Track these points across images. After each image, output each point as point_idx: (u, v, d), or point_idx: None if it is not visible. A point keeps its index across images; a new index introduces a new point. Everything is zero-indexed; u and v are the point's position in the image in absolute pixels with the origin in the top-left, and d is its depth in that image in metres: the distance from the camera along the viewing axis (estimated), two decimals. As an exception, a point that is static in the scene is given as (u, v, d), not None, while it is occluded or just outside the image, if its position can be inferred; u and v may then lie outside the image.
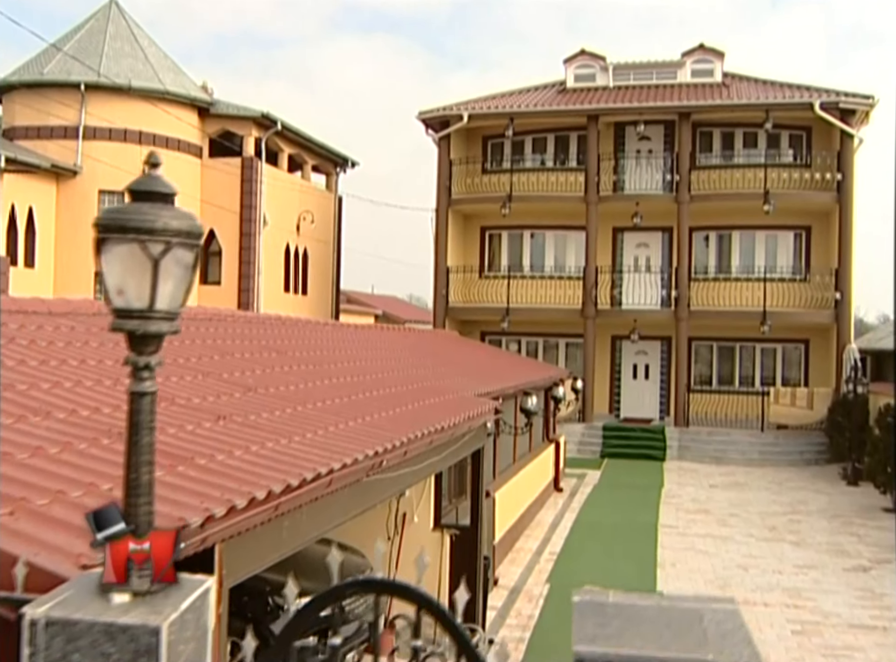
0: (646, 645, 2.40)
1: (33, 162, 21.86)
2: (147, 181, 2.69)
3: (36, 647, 2.56)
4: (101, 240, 2.63)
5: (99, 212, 2.68)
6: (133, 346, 2.69)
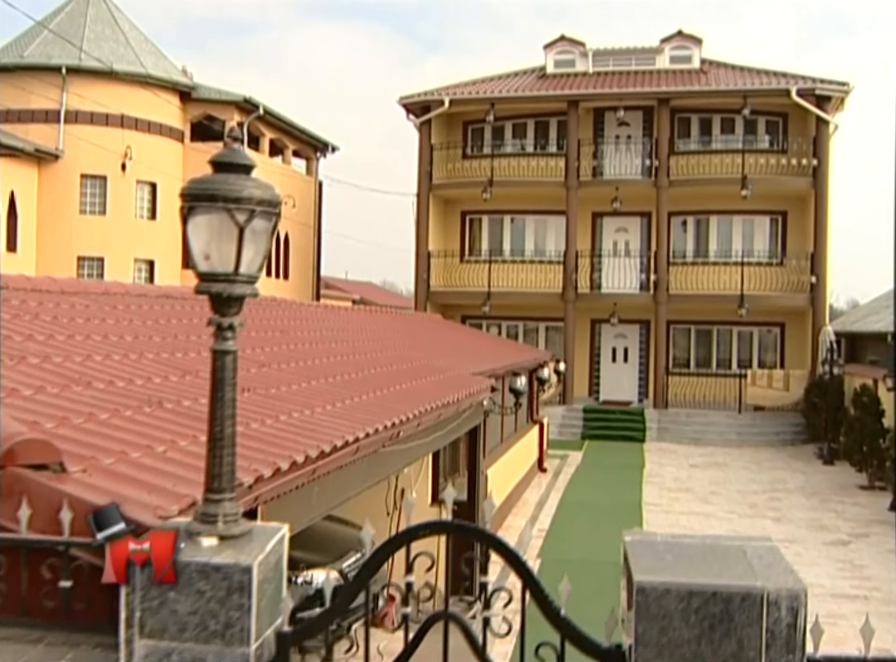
0: (699, 575, 2.64)
1: (18, 146, 21.74)
2: (230, 154, 2.88)
3: (133, 586, 2.76)
4: (189, 208, 2.82)
5: (186, 183, 2.87)
6: (217, 308, 2.89)
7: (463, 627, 2.86)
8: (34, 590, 3.00)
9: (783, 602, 2.57)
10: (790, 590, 2.58)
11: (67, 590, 2.97)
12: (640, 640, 2.61)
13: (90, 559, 2.97)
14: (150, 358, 6.13)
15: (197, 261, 2.85)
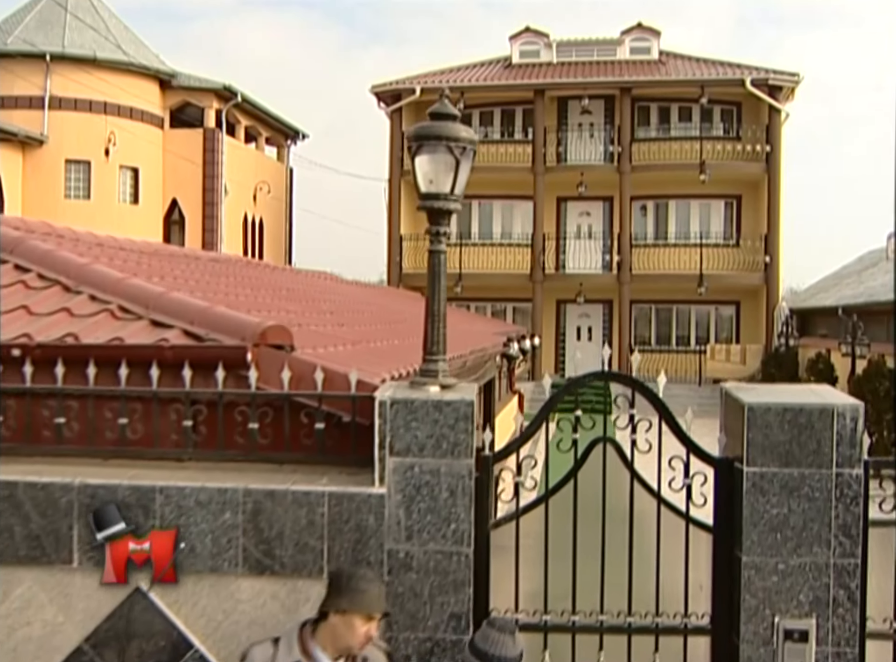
0: (788, 399, 3.81)
1: (13, 130, 22.29)
2: (443, 106, 3.97)
3: (384, 418, 3.84)
4: (417, 146, 3.90)
5: (411, 128, 3.94)
6: (434, 220, 3.98)
7: (616, 447, 3.99)
8: (295, 432, 4.06)
9: (847, 414, 3.74)
10: (852, 406, 3.76)
11: (321, 431, 4.03)
12: (751, 443, 3.77)
13: (336, 409, 4.03)
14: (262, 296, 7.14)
15: (422, 183, 3.93)
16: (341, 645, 3.38)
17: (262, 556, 3.88)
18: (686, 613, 3.97)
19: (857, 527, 3.75)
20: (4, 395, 4.16)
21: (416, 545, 3.82)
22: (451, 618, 3.82)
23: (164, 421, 4.13)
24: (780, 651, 3.76)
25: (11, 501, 3.95)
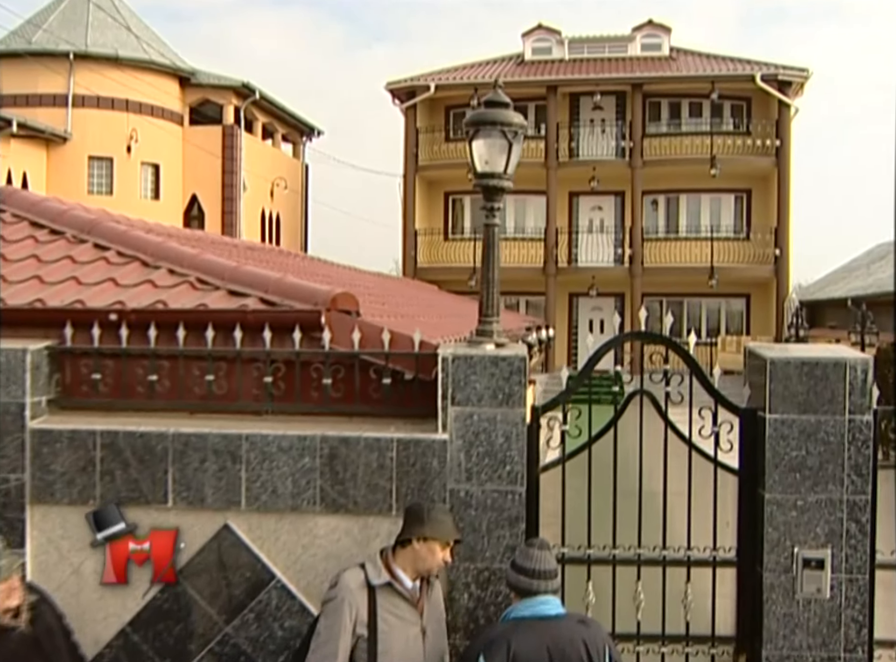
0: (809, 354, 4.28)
1: (40, 127, 22.82)
2: (496, 95, 4.45)
3: (447, 372, 4.32)
4: (474, 130, 4.38)
5: (469, 115, 4.42)
6: (488, 197, 4.46)
7: (652, 398, 4.47)
8: (364, 387, 4.55)
9: (859, 367, 4.21)
10: (863, 359, 4.23)
11: (388, 386, 4.51)
12: (772, 393, 4.24)
13: (401, 366, 4.51)
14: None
15: (478, 164, 4.41)
16: (421, 568, 3.86)
17: (337, 496, 4.36)
18: (714, 547, 4.45)
19: (868, 468, 4.22)
20: (102, 356, 4.65)
21: (474, 485, 4.31)
22: (505, 550, 4.29)
23: (245, 378, 4.61)
24: (799, 578, 4.23)
25: (112, 448, 4.45)
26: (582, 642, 3.61)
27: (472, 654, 3.65)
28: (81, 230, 5.97)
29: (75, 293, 5.08)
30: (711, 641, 4.47)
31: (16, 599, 3.76)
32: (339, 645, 3.74)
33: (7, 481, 4.48)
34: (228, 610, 4.45)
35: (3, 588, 3.69)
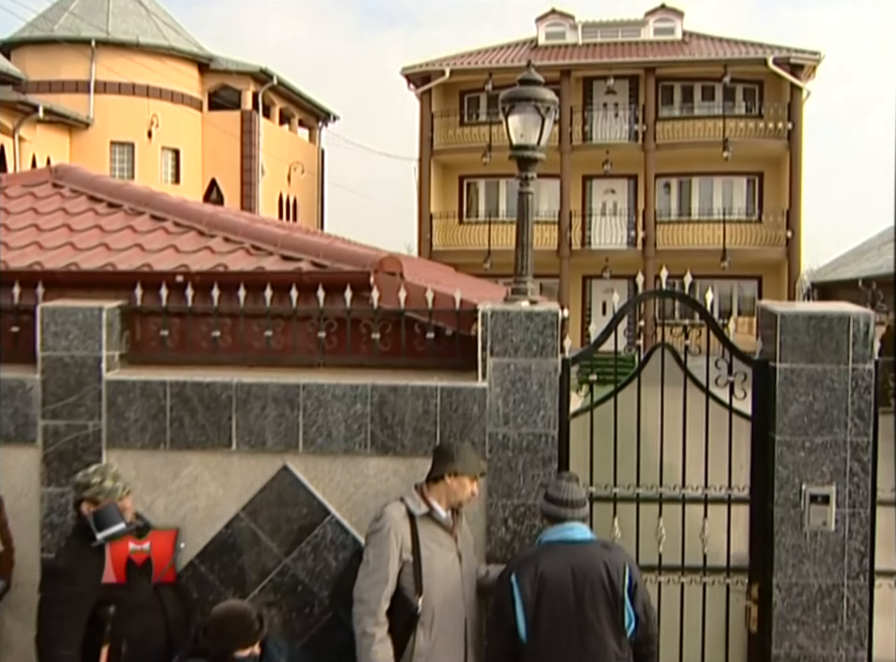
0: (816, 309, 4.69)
1: (64, 112, 23.27)
2: (529, 74, 4.87)
3: (486, 326, 4.74)
4: (510, 106, 4.79)
5: (505, 92, 4.83)
6: (522, 167, 4.89)
7: (672, 351, 4.89)
8: (409, 341, 4.99)
9: (861, 320, 4.63)
10: (865, 313, 4.64)
11: (432, 340, 4.95)
12: (783, 345, 4.66)
13: (444, 321, 4.94)
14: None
15: (513, 137, 4.85)
16: (453, 500, 4.31)
17: (386, 439, 4.81)
18: (730, 486, 4.88)
19: (869, 412, 4.64)
20: (169, 314, 5.10)
21: (511, 428, 4.75)
22: (539, 487, 4.72)
23: (300, 334, 5.06)
24: (807, 512, 4.65)
25: (181, 397, 4.90)
26: (603, 563, 4.05)
27: (505, 574, 4.10)
28: (138, 203, 6.42)
29: (140, 258, 5.54)
30: (727, 571, 4.90)
31: (127, 517, 4.26)
32: (389, 570, 4.19)
33: (86, 427, 4.94)
34: (287, 544, 4.90)
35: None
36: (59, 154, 25.31)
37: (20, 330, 5.17)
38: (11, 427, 5.00)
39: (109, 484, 4.29)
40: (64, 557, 4.29)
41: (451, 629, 4.28)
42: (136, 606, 4.28)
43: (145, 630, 4.29)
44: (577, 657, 3.97)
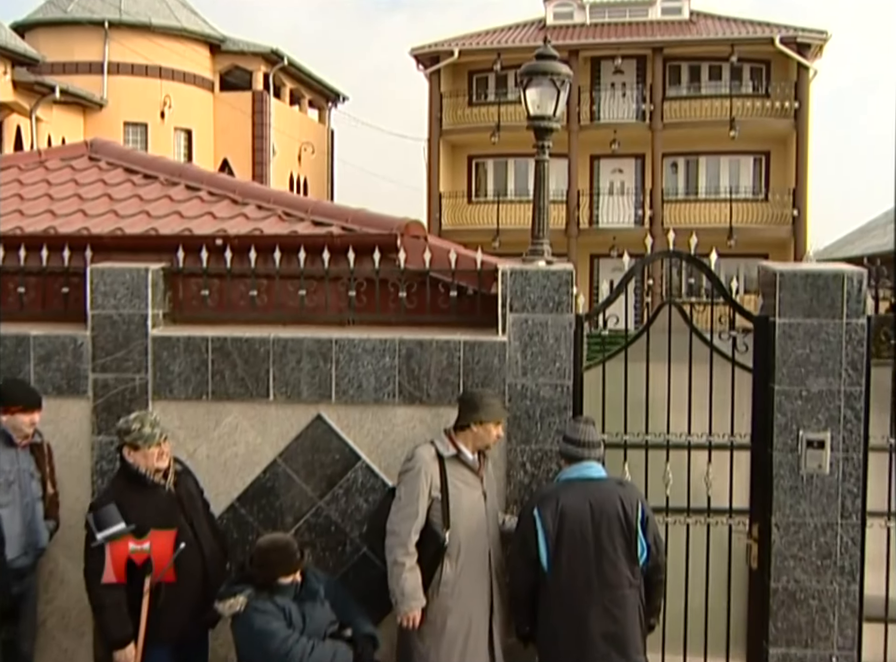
0: (813, 267, 5.04)
1: (82, 94, 23.61)
2: (545, 49, 5.22)
3: (506, 284, 5.10)
4: (528, 79, 5.14)
5: (524, 66, 5.18)
6: (539, 136, 5.24)
7: (679, 308, 5.25)
8: (433, 300, 5.34)
9: (854, 278, 4.98)
10: (858, 272, 4.99)
11: (454, 298, 5.31)
12: (781, 301, 5.01)
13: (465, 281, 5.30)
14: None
15: (531, 108, 5.21)
16: (480, 445, 4.70)
17: (413, 390, 5.18)
18: (732, 433, 5.25)
19: (862, 363, 5.00)
20: (209, 276, 5.47)
21: (529, 379, 5.11)
22: (555, 434, 5.09)
23: (332, 294, 5.42)
24: (804, 456, 5.02)
25: (222, 351, 5.28)
26: (619, 498, 4.44)
27: (528, 509, 4.49)
28: (172, 174, 6.78)
29: (180, 224, 5.91)
30: (729, 513, 5.27)
31: (164, 462, 4.62)
32: (419, 506, 4.58)
33: (133, 380, 5.33)
34: (321, 487, 5.29)
35: (155, 452, 4.55)
36: (74, 134, 25.63)
37: (70, 290, 5.54)
38: (64, 381, 5.38)
39: (148, 430, 4.60)
40: (108, 496, 4.65)
41: (475, 560, 4.67)
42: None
43: (185, 563, 4.62)
44: (594, 584, 4.36)
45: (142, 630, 4.50)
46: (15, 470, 4.91)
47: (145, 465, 4.57)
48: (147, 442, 4.56)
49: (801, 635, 5.09)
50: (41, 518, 5.07)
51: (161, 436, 4.61)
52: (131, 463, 4.58)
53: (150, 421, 4.63)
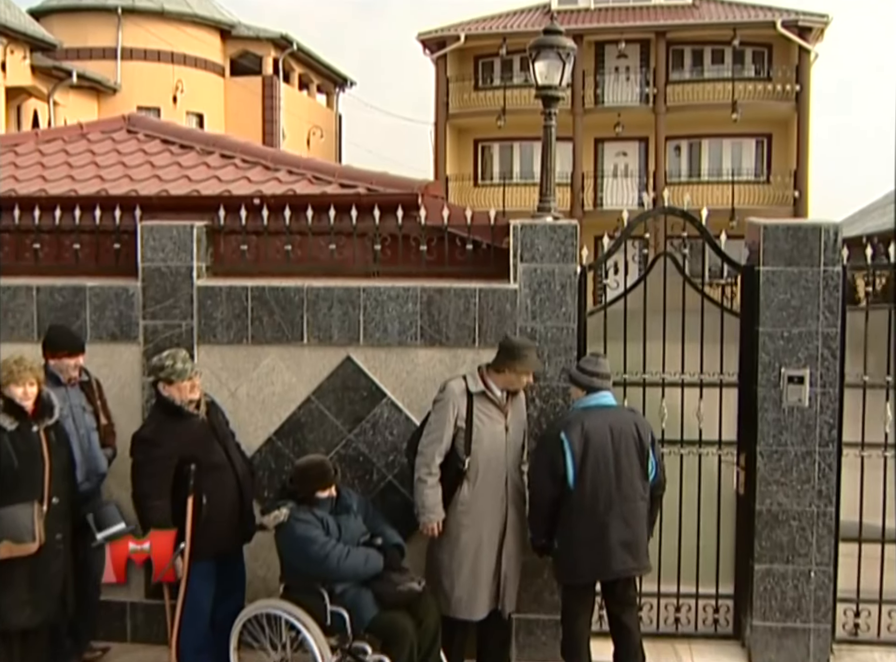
0: (793, 221, 5.59)
1: (98, 79, 24.15)
2: (552, 25, 5.78)
3: (517, 237, 5.65)
4: (536, 52, 5.69)
5: (533, 40, 5.73)
6: (546, 104, 5.79)
7: (673, 259, 5.81)
8: (451, 253, 5.90)
9: (831, 230, 5.54)
10: (834, 224, 5.56)
11: (470, 251, 5.86)
12: (765, 251, 5.58)
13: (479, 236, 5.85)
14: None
15: (539, 79, 5.75)
16: (509, 388, 5.26)
17: (433, 333, 5.75)
18: (721, 372, 5.81)
19: (838, 307, 5.55)
20: (248, 232, 6.03)
21: (538, 322, 5.68)
22: (562, 372, 5.66)
23: (359, 248, 5.99)
24: (785, 391, 5.58)
25: (261, 300, 5.85)
26: (633, 423, 5.04)
27: (553, 432, 5.05)
28: (207, 144, 7.35)
29: (219, 187, 6.47)
30: (719, 444, 5.85)
31: (196, 394, 5.18)
32: (445, 433, 5.16)
33: (179, 326, 5.90)
34: (350, 422, 5.87)
35: (187, 385, 5.11)
36: (88, 118, 26.18)
37: (121, 247, 6.11)
38: (117, 327, 5.97)
39: (180, 365, 5.13)
40: (149, 426, 5.23)
41: (491, 485, 5.23)
42: (211, 465, 5.17)
43: (220, 484, 5.18)
44: (614, 498, 4.95)
45: (187, 544, 5.03)
46: (67, 406, 5.43)
47: (179, 398, 5.12)
48: (180, 377, 5.09)
49: (783, 552, 5.66)
50: (98, 446, 5.64)
51: (192, 371, 5.16)
52: (167, 396, 5.13)
53: (181, 357, 5.17)
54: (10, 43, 19.99)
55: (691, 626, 5.94)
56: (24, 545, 4.63)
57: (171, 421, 5.15)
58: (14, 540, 4.61)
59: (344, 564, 4.85)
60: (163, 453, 5.06)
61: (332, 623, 4.88)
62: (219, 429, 5.35)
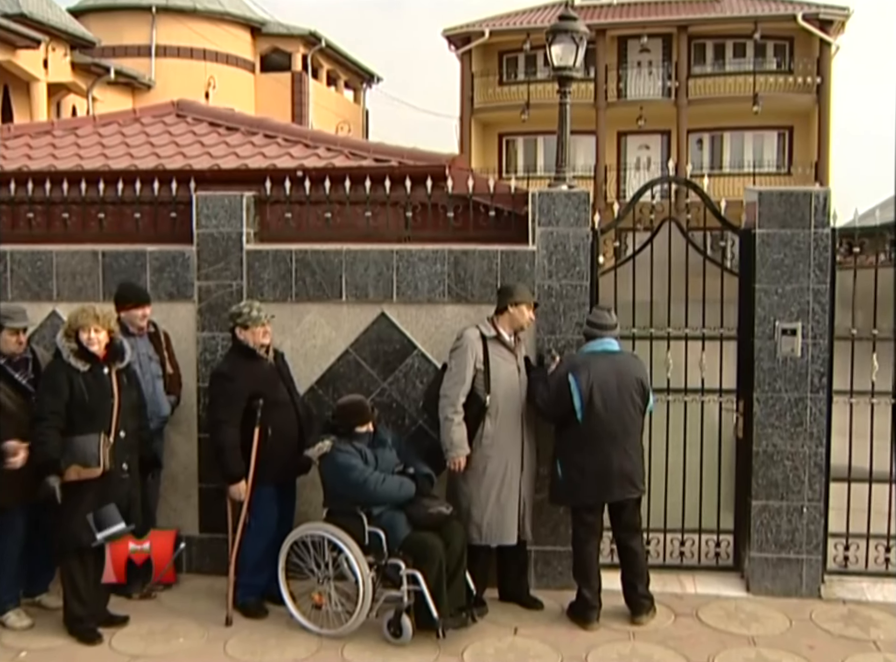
0: (787, 188, 6.15)
1: (135, 75, 24.96)
2: (566, 12, 6.35)
3: (535, 204, 6.25)
4: (552, 37, 6.28)
5: (550, 25, 6.31)
6: (561, 84, 6.37)
7: (677, 223, 6.38)
8: (476, 220, 6.50)
9: (821, 196, 6.08)
10: (825, 190, 6.10)
11: (493, 218, 6.46)
12: (761, 215, 6.14)
13: (501, 203, 6.45)
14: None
15: (555, 61, 6.34)
16: (515, 325, 5.86)
17: (459, 291, 6.36)
18: (722, 326, 6.38)
19: (827, 265, 6.10)
20: (291, 202, 6.66)
21: (554, 280, 6.28)
22: (575, 326, 6.26)
23: (392, 216, 6.60)
24: (779, 343, 6.14)
25: (303, 262, 6.48)
26: (634, 365, 5.62)
27: (562, 372, 5.64)
28: (251, 125, 8.01)
29: (264, 161, 7.12)
30: (719, 392, 6.42)
31: (267, 339, 5.84)
32: (466, 374, 5.77)
33: (230, 286, 6.54)
34: (384, 372, 6.49)
35: (260, 331, 5.77)
36: (124, 114, 27.02)
37: (177, 216, 6.76)
38: (174, 288, 6.62)
39: (255, 313, 5.80)
40: (226, 364, 5.91)
41: (511, 419, 5.84)
42: (276, 402, 5.83)
43: (284, 419, 5.86)
44: (618, 432, 5.55)
45: (251, 470, 5.70)
46: (135, 354, 6.07)
47: (253, 341, 5.79)
48: (255, 323, 5.77)
49: (778, 489, 6.22)
50: (162, 392, 6.30)
51: (265, 317, 5.82)
52: (242, 340, 5.80)
53: (256, 306, 5.84)
54: (51, 41, 20.76)
55: (695, 559, 6.52)
56: (89, 469, 5.19)
57: (244, 361, 5.82)
58: (82, 464, 5.18)
59: (380, 488, 5.47)
60: (236, 387, 5.74)
61: (369, 542, 5.49)
62: (284, 372, 6.02)
